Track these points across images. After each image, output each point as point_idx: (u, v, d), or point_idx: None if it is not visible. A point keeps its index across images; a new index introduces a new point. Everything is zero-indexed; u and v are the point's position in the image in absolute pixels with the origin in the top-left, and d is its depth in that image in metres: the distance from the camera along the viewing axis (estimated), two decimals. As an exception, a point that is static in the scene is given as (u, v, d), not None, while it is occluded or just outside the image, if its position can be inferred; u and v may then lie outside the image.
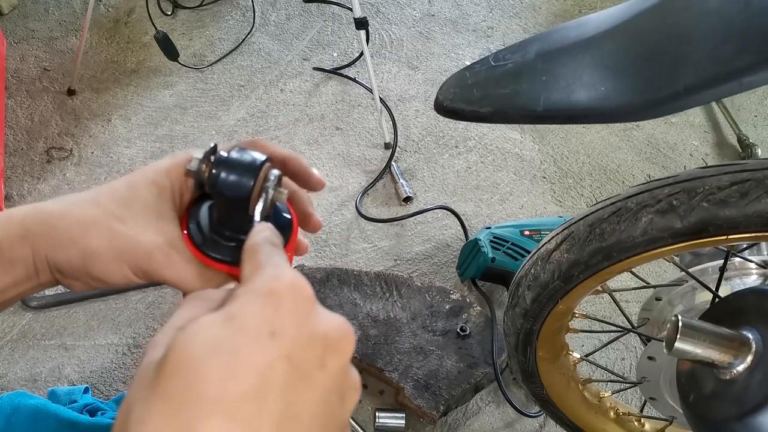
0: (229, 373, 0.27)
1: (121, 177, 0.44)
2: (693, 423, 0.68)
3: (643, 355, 0.91)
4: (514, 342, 0.93)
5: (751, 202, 0.64)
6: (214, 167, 0.40)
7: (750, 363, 0.62)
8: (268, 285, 0.30)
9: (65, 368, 1.28)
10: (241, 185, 0.39)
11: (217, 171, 0.40)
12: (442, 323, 1.30)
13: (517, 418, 1.27)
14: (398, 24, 1.97)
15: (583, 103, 0.64)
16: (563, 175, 1.66)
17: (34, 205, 0.42)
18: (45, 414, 0.74)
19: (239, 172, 0.39)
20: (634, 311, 1.15)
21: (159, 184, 0.43)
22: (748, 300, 0.67)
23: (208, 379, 0.27)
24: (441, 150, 1.68)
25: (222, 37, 1.89)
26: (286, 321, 0.29)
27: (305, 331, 0.29)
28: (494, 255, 1.32)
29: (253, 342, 0.28)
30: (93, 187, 0.44)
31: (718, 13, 0.60)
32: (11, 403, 0.74)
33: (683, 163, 1.72)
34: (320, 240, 1.49)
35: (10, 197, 1.52)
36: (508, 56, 0.70)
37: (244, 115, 1.72)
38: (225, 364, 0.27)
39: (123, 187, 0.43)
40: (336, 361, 0.30)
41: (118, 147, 1.63)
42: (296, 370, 0.28)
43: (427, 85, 1.82)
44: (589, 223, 0.76)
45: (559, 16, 2.05)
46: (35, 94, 1.72)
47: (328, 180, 1.60)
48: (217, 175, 0.40)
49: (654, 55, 0.62)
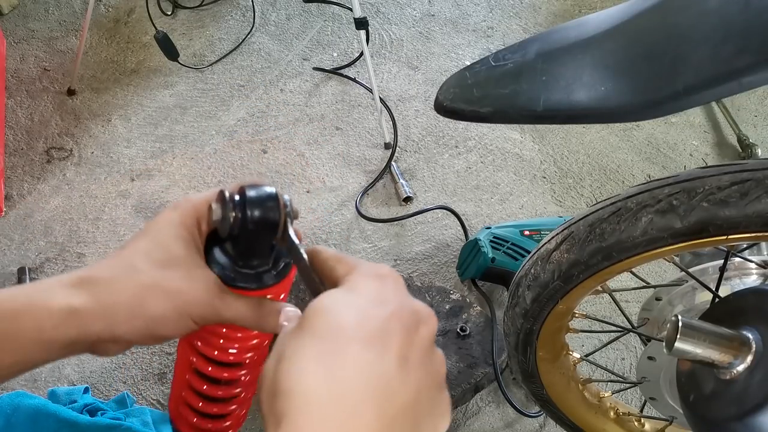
0: (360, 320, 0.36)
1: (139, 237, 0.46)
2: (693, 423, 0.68)
3: (643, 355, 0.91)
4: (514, 342, 0.93)
5: (751, 202, 0.64)
6: (239, 211, 0.43)
7: (750, 363, 0.62)
8: (374, 270, 0.40)
9: (65, 368, 1.28)
10: (270, 218, 0.44)
11: (243, 213, 0.43)
12: (442, 323, 1.30)
13: (517, 418, 1.27)
14: (398, 24, 1.97)
15: (583, 103, 0.64)
16: (563, 175, 1.66)
17: (69, 280, 0.43)
18: (45, 414, 0.74)
19: (264, 208, 0.44)
20: (634, 311, 1.15)
21: (184, 238, 0.45)
22: (748, 300, 0.67)
23: (346, 322, 0.35)
24: (441, 150, 1.68)
25: (222, 37, 1.89)
26: (392, 294, 0.38)
27: (406, 302, 0.38)
28: (494, 255, 1.32)
29: (372, 304, 0.37)
30: (112, 253, 0.45)
31: (718, 13, 0.59)
32: (11, 402, 0.74)
33: (683, 163, 1.72)
34: (320, 240, 1.49)
35: (10, 197, 1.52)
36: (508, 56, 0.70)
37: (244, 115, 1.72)
38: (356, 314, 0.36)
39: (155, 249, 0.45)
40: (427, 330, 0.38)
41: (118, 147, 1.63)
42: (404, 326, 0.36)
43: (427, 85, 1.82)
44: (589, 223, 0.76)
45: (559, 16, 2.05)
46: (35, 94, 1.72)
47: (328, 180, 1.60)
48: (244, 217, 0.43)
49: (654, 55, 0.62)
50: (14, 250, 1.43)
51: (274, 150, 1.65)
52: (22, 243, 1.44)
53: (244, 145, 1.65)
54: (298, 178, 1.60)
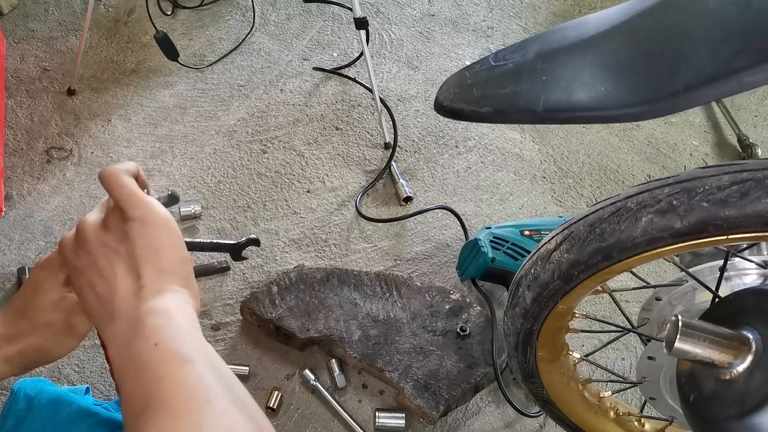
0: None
1: (17, 300, 0.61)
2: (693, 423, 0.68)
3: (643, 355, 0.91)
4: (514, 342, 0.93)
5: (751, 202, 0.64)
6: None
7: (750, 363, 0.62)
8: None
9: (65, 368, 1.28)
10: None
11: None
12: (442, 323, 1.30)
13: (517, 418, 1.27)
14: (398, 24, 1.97)
15: (583, 103, 0.64)
16: (563, 175, 1.66)
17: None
18: (67, 402, 0.77)
19: None
20: (634, 311, 1.15)
21: (50, 299, 0.61)
22: (748, 300, 0.67)
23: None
24: (441, 150, 1.68)
25: (222, 37, 1.89)
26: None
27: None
28: (494, 255, 1.32)
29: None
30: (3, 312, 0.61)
31: (718, 13, 0.60)
32: (35, 386, 0.77)
33: (683, 163, 1.72)
34: (320, 240, 1.49)
35: (10, 197, 1.52)
36: (508, 56, 0.70)
37: (244, 115, 1.72)
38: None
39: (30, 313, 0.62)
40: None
41: (118, 147, 1.63)
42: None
43: (427, 85, 1.82)
44: (589, 223, 0.76)
45: (559, 16, 2.05)
46: (35, 94, 1.72)
47: (328, 180, 1.60)
48: None
49: (654, 55, 0.62)
50: (14, 250, 1.43)
51: (274, 150, 1.65)
52: (22, 243, 1.44)
53: (243, 145, 1.65)
54: (298, 178, 1.60)
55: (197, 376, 0.44)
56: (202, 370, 0.44)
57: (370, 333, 1.27)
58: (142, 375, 0.44)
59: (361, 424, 1.23)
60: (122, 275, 0.50)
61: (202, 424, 0.40)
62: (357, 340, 1.26)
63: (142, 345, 0.46)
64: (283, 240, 1.48)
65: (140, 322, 0.48)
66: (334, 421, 1.24)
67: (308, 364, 1.29)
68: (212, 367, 0.45)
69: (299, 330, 1.26)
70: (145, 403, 0.42)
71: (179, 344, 0.46)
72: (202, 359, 0.45)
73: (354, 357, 1.25)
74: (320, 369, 1.29)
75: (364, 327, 1.28)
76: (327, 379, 1.29)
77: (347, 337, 1.26)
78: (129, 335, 0.48)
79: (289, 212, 1.54)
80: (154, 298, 0.49)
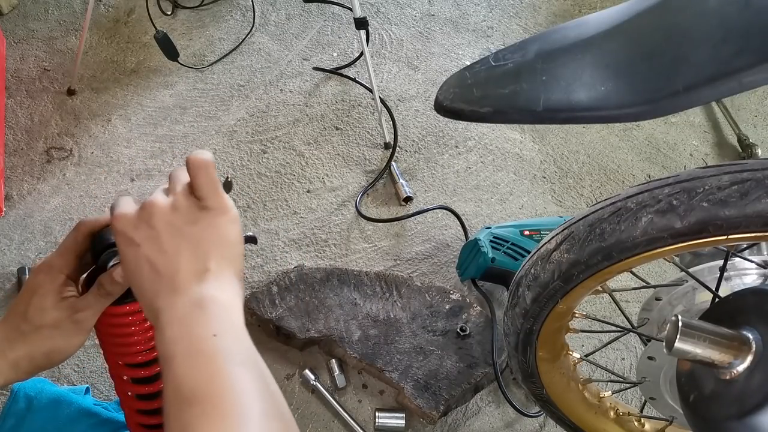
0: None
1: (19, 302, 0.61)
2: (693, 423, 0.68)
3: (643, 355, 0.91)
4: (514, 342, 0.93)
5: (751, 202, 0.64)
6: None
7: (750, 363, 0.62)
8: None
9: (65, 368, 1.28)
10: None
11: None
12: (442, 323, 1.30)
13: (517, 418, 1.27)
14: (398, 24, 1.97)
15: (583, 103, 0.64)
16: (563, 175, 1.66)
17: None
18: (67, 402, 0.77)
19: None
20: (634, 311, 1.15)
21: (52, 300, 0.61)
22: (748, 300, 0.67)
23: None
24: (441, 150, 1.68)
25: (222, 37, 1.89)
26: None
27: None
28: (494, 255, 1.32)
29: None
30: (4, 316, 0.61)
31: (718, 13, 0.60)
32: (35, 386, 0.78)
33: (683, 163, 1.72)
34: (320, 240, 1.49)
35: (10, 197, 1.52)
36: (508, 56, 0.70)
37: (244, 115, 1.72)
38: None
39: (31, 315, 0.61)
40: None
41: (118, 147, 1.63)
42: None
43: (427, 85, 1.82)
44: (589, 223, 0.76)
45: (559, 16, 2.05)
46: (35, 94, 1.72)
47: (328, 180, 1.60)
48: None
49: (654, 55, 0.62)
50: (14, 250, 1.43)
51: (274, 150, 1.65)
52: (22, 243, 1.44)
53: (243, 145, 1.65)
54: (298, 178, 1.60)
55: (250, 381, 0.46)
56: (253, 375, 0.47)
57: (370, 333, 1.27)
58: (195, 363, 0.46)
59: (361, 424, 1.23)
60: (187, 256, 0.52)
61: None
62: (357, 340, 1.26)
63: (200, 332, 0.48)
64: (283, 240, 1.48)
65: (202, 306, 0.49)
66: (334, 421, 1.24)
67: (308, 364, 1.29)
68: (260, 374, 0.47)
69: (299, 330, 1.26)
70: (195, 396, 0.44)
71: (235, 344, 0.48)
72: (252, 364, 0.48)
73: (354, 357, 1.25)
74: (320, 369, 1.29)
75: (364, 327, 1.28)
76: (327, 379, 1.29)
77: (347, 337, 1.26)
78: (188, 314, 0.49)
79: (289, 212, 1.54)
80: (215, 285, 0.51)
